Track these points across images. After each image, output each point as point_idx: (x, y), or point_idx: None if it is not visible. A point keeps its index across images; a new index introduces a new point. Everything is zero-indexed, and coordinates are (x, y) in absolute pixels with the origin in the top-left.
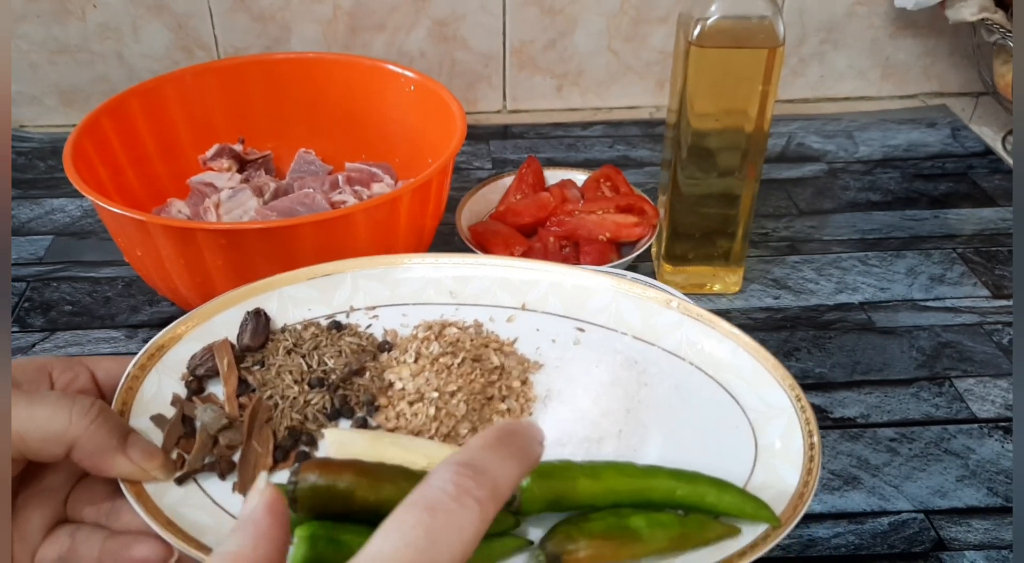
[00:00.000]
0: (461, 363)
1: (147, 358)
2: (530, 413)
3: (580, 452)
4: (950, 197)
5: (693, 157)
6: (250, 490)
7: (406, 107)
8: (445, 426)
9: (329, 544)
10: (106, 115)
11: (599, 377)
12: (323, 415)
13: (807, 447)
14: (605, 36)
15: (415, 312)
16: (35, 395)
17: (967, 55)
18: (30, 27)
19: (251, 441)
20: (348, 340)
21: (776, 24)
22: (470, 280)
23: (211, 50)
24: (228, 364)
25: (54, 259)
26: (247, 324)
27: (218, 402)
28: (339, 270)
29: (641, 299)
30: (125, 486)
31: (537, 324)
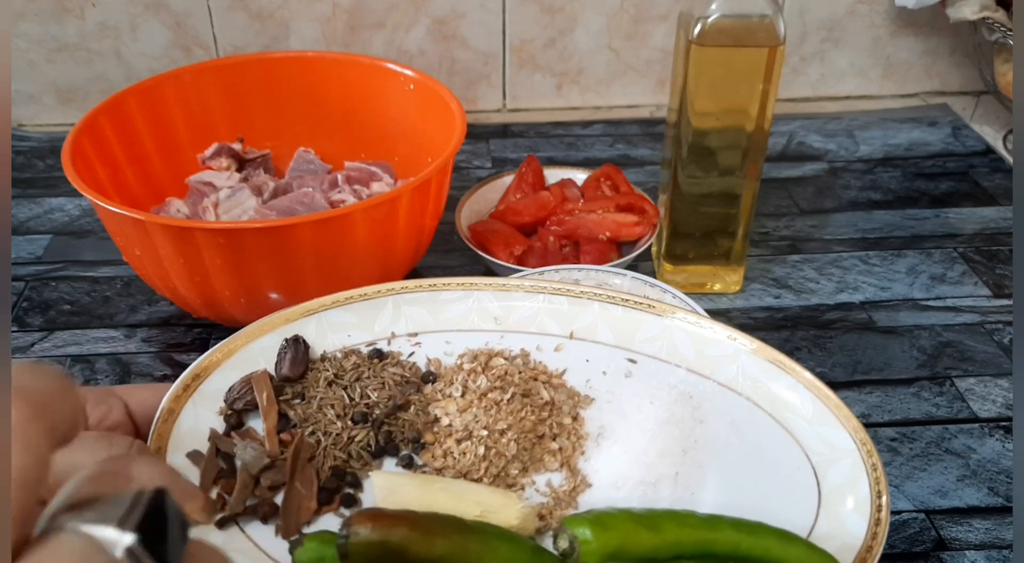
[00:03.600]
0: (511, 399)
1: (182, 389)
2: (582, 452)
3: (636, 496)
4: (951, 196)
5: (694, 156)
6: None
7: (405, 106)
8: (495, 466)
9: None
10: (105, 114)
11: (654, 414)
12: (367, 453)
13: (874, 495)
14: (605, 34)
15: (459, 339)
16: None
17: (968, 54)
18: (28, 25)
19: (294, 482)
20: (391, 371)
21: (777, 23)
22: (516, 306)
23: (210, 49)
24: (267, 398)
25: (53, 258)
26: (286, 352)
27: (258, 438)
28: (380, 294)
29: (696, 329)
30: None
31: (586, 354)
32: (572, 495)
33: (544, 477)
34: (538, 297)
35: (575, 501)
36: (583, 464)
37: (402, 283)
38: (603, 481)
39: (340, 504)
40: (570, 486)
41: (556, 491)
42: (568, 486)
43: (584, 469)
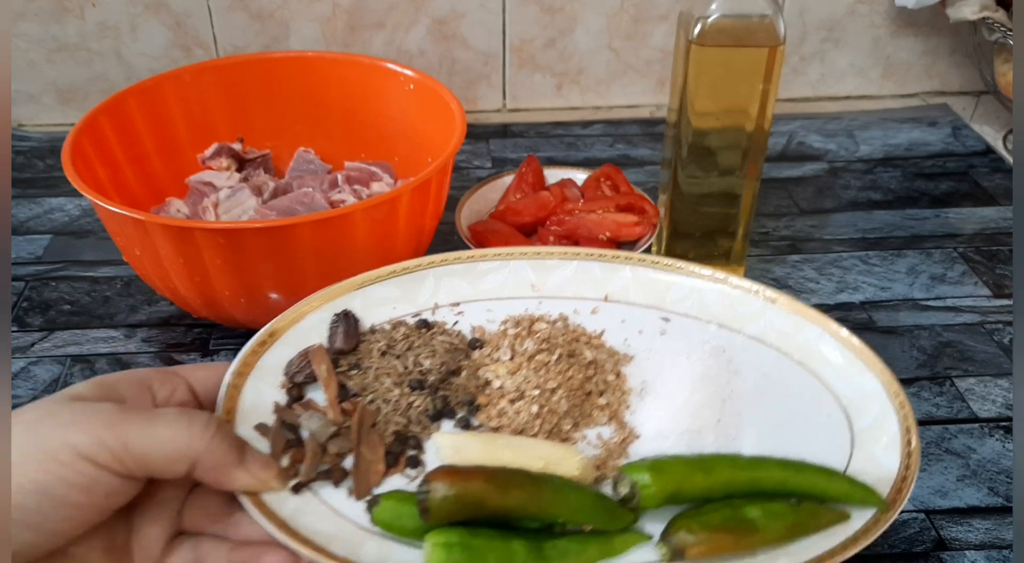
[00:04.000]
0: (558, 359)
1: (242, 366)
2: (627, 406)
3: (682, 444)
4: (951, 196)
5: (694, 156)
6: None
7: (405, 106)
8: (548, 423)
9: (463, 550)
10: (104, 114)
11: (691, 368)
12: (426, 417)
13: (903, 430)
14: (605, 34)
15: (499, 307)
16: (152, 414)
17: (968, 54)
18: (28, 25)
19: (361, 448)
20: (440, 339)
21: (777, 23)
22: (551, 273)
23: (210, 49)
24: (327, 370)
25: (53, 258)
26: (337, 326)
27: (319, 408)
28: (420, 267)
29: (724, 287)
30: (245, 499)
31: (622, 315)
32: (622, 446)
33: (594, 431)
34: (572, 263)
35: (626, 452)
36: (629, 417)
37: (441, 256)
38: (650, 432)
39: (405, 465)
40: (620, 438)
41: (607, 443)
42: (618, 438)
43: (631, 422)
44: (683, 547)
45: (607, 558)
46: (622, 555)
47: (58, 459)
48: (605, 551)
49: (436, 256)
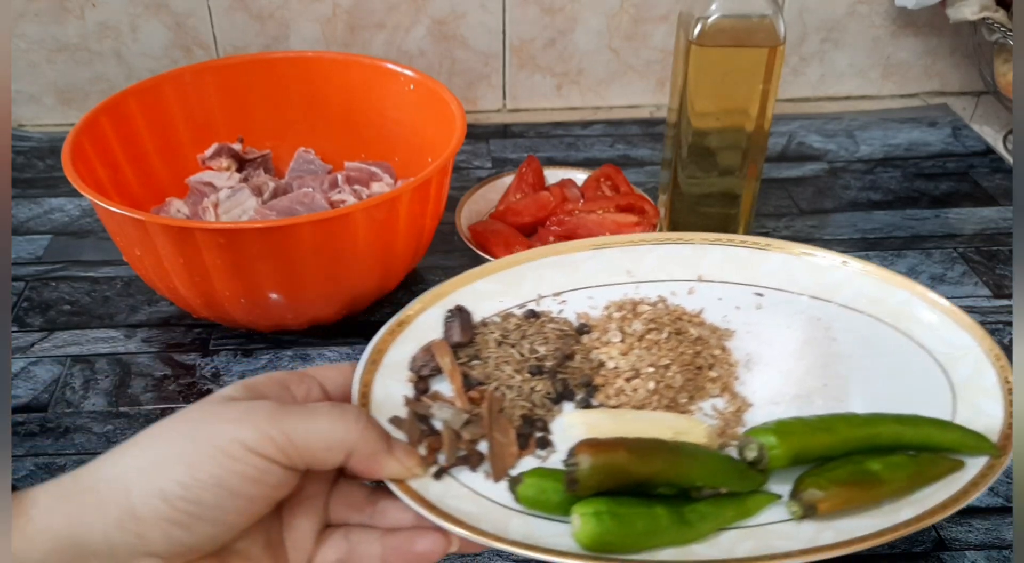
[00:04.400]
0: (667, 338)
1: (370, 363)
2: (735, 377)
3: (793, 409)
4: (951, 196)
5: (694, 156)
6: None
7: (406, 106)
8: (665, 398)
9: (612, 518)
10: (105, 114)
11: (792, 337)
12: (549, 400)
13: (1002, 380)
14: (605, 35)
15: (599, 294)
16: (309, 409)
17: (968, 54)
18: (28, 26)
19: (493, 432)
20: (550, 327)
21: (776, 23)
22: (644, 258)
23: (210, 49)
24: (450, 362)
25: (53, 259)
26: (453, 321)
27: (446, 399)
28: (519, 262)
29: (810, 258)
30: (395, 486)
31: (717, 294)
32: (737, 415)
33: (708, 403)
34: (663, 248)
35: (741, 419)
36: (739, 388)
37: (537, 250)
38: (761, 400)
39: (536, 446)
40: (734, 408)
41: (722, 413)
42: (732, 408)
43: (742, 392)
44: (814, 503)
45: (742, 519)
46: (755, 515)
47: (230, 454)
48: (740, 512)
49: (532, 251)
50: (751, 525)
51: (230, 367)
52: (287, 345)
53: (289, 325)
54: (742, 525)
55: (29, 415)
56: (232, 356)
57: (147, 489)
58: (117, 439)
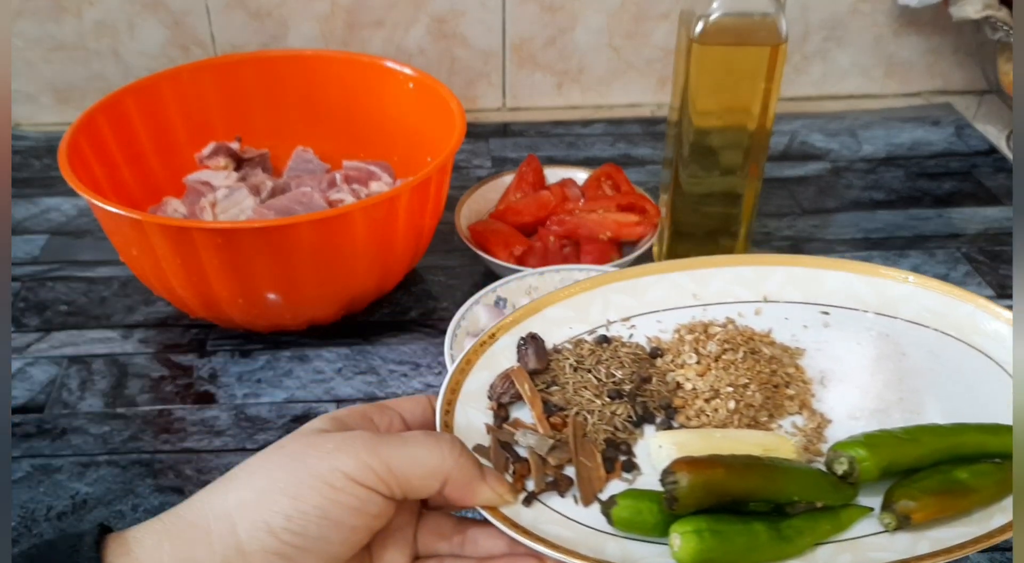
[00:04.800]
0: (743, 358)
1: (449, 392)
2: (812, 394)
3: (873, 423)
4: (954, 196)
5: (695, 155)
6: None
7: (405, 105)
8: (745, 416)
9: (713, 536)
10: (102, 113)
11: (864, 353)
12: (630, 423)
13: None
14: (606, 33)
15: (667, 317)
16: (404, 438)
17: (971, 53)
18: (25, 24)
19: (579, 457)
20: (623, 351)
21: (779, 21)
22: (709, 281)
23: (208, 47)
24: (530, 389)
25: (49, 258)
26: (526, 348)
27: (527, 426)
28: (586, 289)
29: (872, 277)
30: (489, 514)
31: (784, 314)
32: (818, 431)
33: (788, 420)
34: (726, 270)
35: (822, 435)
36: (817, 405)
37: (604, 276)
38: (840, 416)
39: (622, 469)
40: (814, 424)
41: (803, 430)
42: (812, 424)
43: (820, 408)
44: (908, 513)
45: (837, 533)
46: (848, 529)
47: (332, 484)
48: (835, 526)
49: (598, 277)
50: (845, 539)
51: (227, 368)
52: (285, 346)
53: (287, 325)
54: (836, 539)
55: (26, 416)
56: (230, 357)
57: (253, 522)
58: (114, 441)
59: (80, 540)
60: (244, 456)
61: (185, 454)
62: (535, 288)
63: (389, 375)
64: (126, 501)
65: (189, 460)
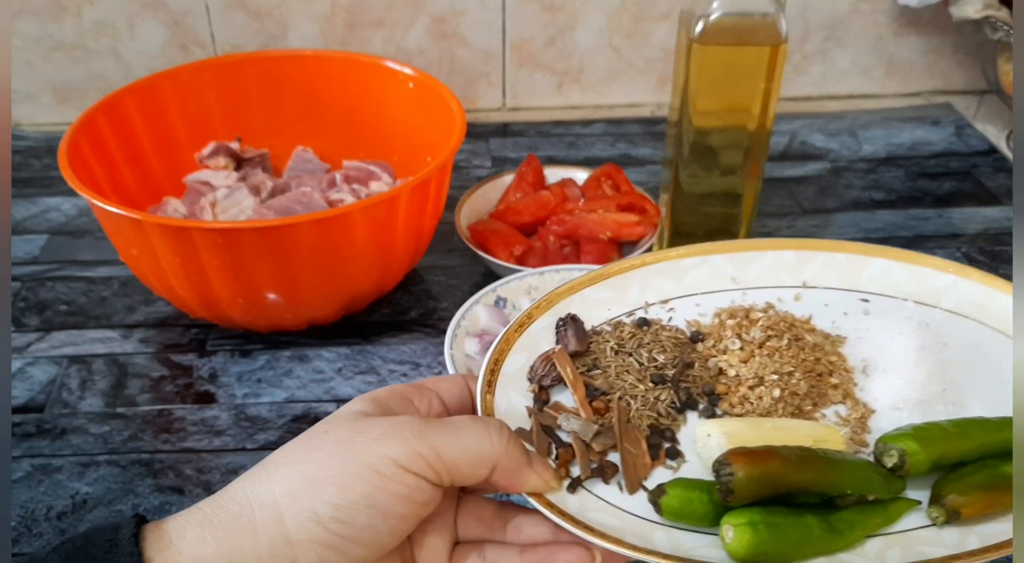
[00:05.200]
0: (788, 345)
1: (489, 374)
2: (854, 384)
3: (917, 415)
4: (954, 196)
5: (695, 155)
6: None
7: (405, 105)
8: (790, 405)
9: (767, 528)
10: (102, 113)
11: (907, 343)
12: (673, 409)
13: None
14: (606, 33)
15: (706, 301)
16: (452, 423)
17: (971, 53)
18: (25, 24)
19: (624, 443)
20: (664, 335)
21: (779, 21)
22: (749, 265)
23: (208, 47)
24: (572, 371)
25: (49, 258)
26: (566, 330)
27: (568, 410)
28: (625, 269)
29: (912, 265)
30: (535, 501)
31: (824, 300)
32: (862, 421)
33: (831, 409)
34: (767, 254)
35: (866, 426)
36: (860, 394)
37: (644, 257)
38: (884, 406)
39: (666, 457)
40: (858, 414)
41: (846, 419)
42: (856, 414)
43: (863, 398)
44: (957, 508)
45: (886, 526)
46: (897, 522)
47: (381, 472)
48: (884, 520)
49: (637, 258)
50: (894, 532)
51: (227, 367)
52: (285, 345)
53: (287, 325)
54: (885, 532)
55: (26, 416)
56: (229, 356)
57: (300, 512)
58: (114, 440)
59: (116, 533)
60: (244, 456)
61: (185, 454)
62: (535, 288)
63: (389, 375)
64: (126, 501)
65: (189, 460)
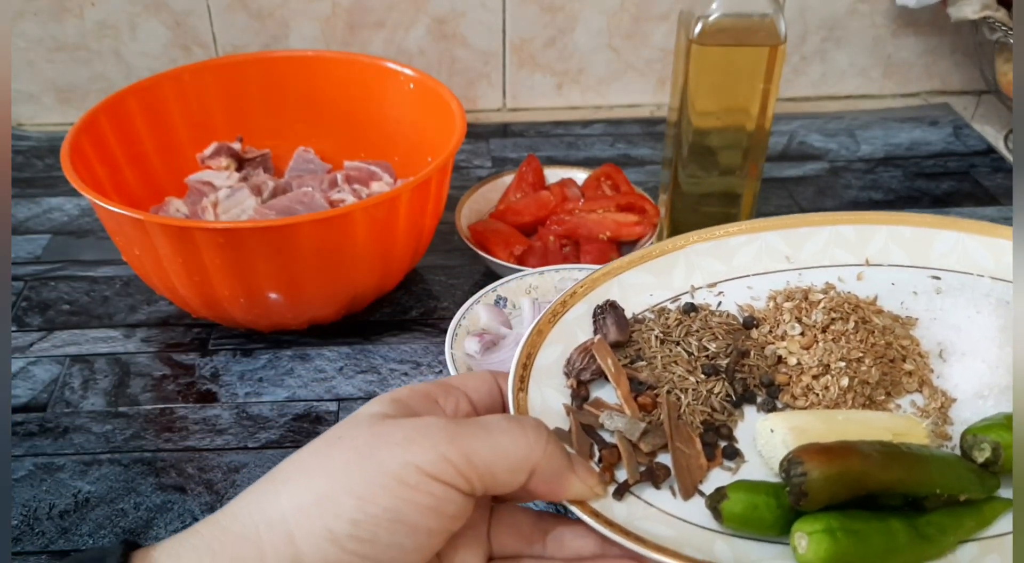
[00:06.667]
0: (855, 328)
1: (522, 369)
2: (930, 370)
3: (1003, 403)
4: (952, 196)
5: (694, 155)
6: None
7: (405, 105)
8: (860, 395)
9: (848, 536)
10: (104, 113)
11: (988, 323)
12: (729, 403)
13: None
14: (605, 34)
15: (759, 283)
16: (484, 424)
17: (969, 53)
18: (27, 25)
19: (676, 442)
20: (714, 321)
21: (777, 22)
22: (804, 242)
23: (209, 48)
24: (613, 364)
25: (52, 258)
26: (605, 318)
27: (610, 406)
28: (667, 250)
29: (989, 236)
30: (579, 510)
31: (890, 278)
32: (943, 412)
33: (906, 399)
34: (824, 230)
35: (947, 417)
36: (937, 381)
37: (690, 236)
38: (966, 394)
39: (723, 457)
40: (937, 403)
41: (925, 410)
42: (935, 404)
43: (941, 385)
44: None
45: (981, 529)
46: (992, 525)
47: (405, 482)
48: (980, 522)
49: (681, 237)
50: (990, 536)
51: (229, 367)
52: (286, 345)
53: (288, 325)
54: (980, 536)
55: (28, 415)
56: (231, 356)
57: (313, 531)
58: (116, 439)
59: (102, 561)
60: (245, 454)
61: (187, 453)
62: (535, 288)
63: (390, 374)
64: (128, 500)
65: (191, 459)
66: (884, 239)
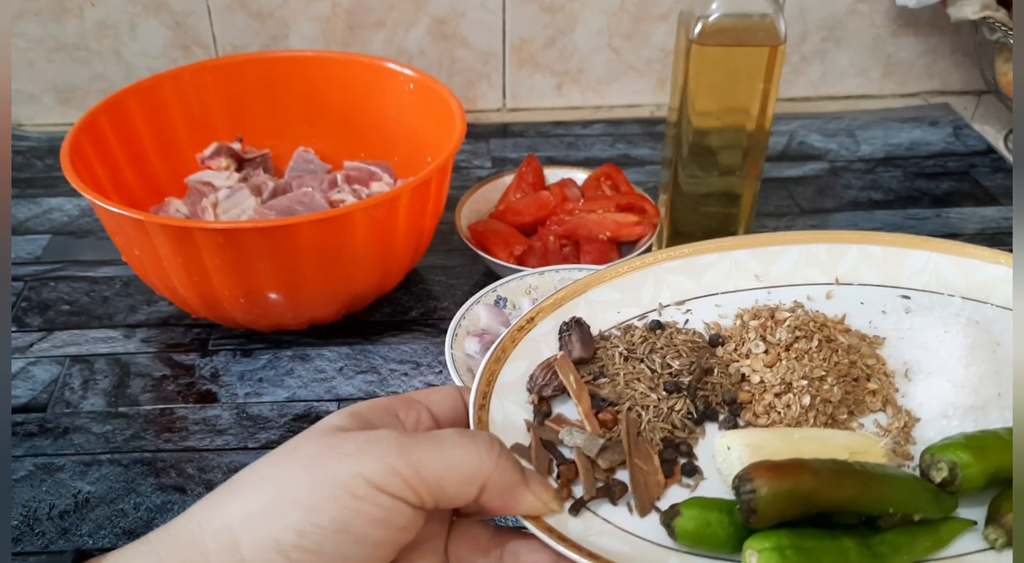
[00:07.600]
0: (819, 347)
1: (485, 384)
2: (895, 389)
3: (969, 423)
4: (952, 196)
5: (694, 156)
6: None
7: (405, 105)
8: (822, 414)
9: (798, 554)
10: (104, 114)
11: (956, 342)
12: (690, 421)
13: None
14: (605, 34)
15: (727, 301)
16: (436, 437)
17: (969, 53)
18: (28, 25)
19: (634, 459)
20: (680, 339)
21: (777, 22)
22: (774, 260)
23: (209, 48)
24: (575, 380)
25: (52, 258)
26: (570, 335)
27: (571, 422)
28: (636, 268)
29: (960, 256)
30: (532, 525)
31: (859, 297)
32: (906, 431)
33: (870, 418)
34: (795, 248)
35: (911, 436)
36: (902, 400)
37: (659, 254)
38: (931, 414)
39: (682, 475)
40: (900, 423)
41: (887, 429)
42: (898, 423)
43: (906, 405)
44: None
45: (937, 550)
46: (949, 545)
47: (353, 492)
48: (935, 542)
49: (650, 255)
50: (946, 557)
51: (229, 367)
52: (286, 345)
53: (288, 325)
54: (936, 558)
55: (28, 415)
56: (231, 356)
57: (259, 540)
58: (116, 439)
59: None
60: (246, 455)
61: (187, 453)
62: (535, 288)
63: (390, 374)
64: (128, 500)
65: (191, 459)
66: (855, 258)
